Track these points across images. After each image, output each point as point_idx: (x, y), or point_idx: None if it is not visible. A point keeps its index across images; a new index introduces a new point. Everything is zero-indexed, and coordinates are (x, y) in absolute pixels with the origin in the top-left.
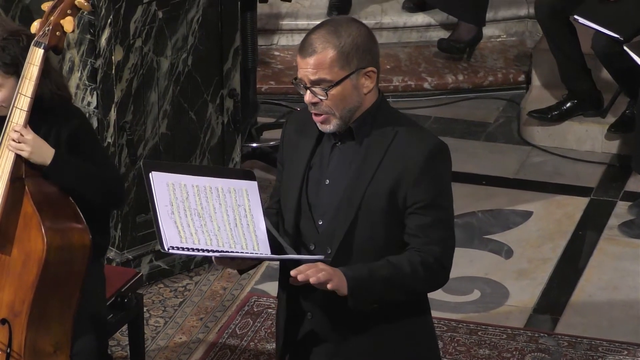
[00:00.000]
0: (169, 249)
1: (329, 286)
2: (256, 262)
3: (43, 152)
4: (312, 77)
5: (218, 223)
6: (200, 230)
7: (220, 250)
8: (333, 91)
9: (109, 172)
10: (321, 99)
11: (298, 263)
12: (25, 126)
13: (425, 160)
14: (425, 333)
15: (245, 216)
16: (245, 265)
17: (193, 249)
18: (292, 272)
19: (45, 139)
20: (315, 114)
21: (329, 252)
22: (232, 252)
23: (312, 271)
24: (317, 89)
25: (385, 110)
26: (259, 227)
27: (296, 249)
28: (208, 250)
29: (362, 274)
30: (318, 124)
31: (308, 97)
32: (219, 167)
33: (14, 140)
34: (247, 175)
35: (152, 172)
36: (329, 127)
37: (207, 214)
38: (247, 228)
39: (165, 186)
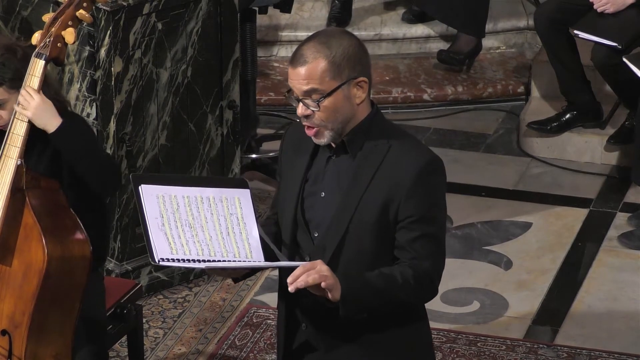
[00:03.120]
0: (159, 261)
1: (323, 284)
2: (250, 270)
3: (46, 119)
4: (304, 88)
5: (210, 232)
6: (191, 240)
7: (212, 259)
8: (325, 102)
9: (107, 154)
10: (313, 111)
11: (292, 268)
12: (38, 91)
13: (418, 174)
14: (421, 343)
15: (237, 224)
16: (237, 273)
17: (184, 260)
18: (289, 280)
19: (47, 146)
20: (308, 127)
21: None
22: (221, 261)
23: (307, 274)
24: (309, 101)
25: (379, 123)
26: (252, 234)
27: (292, 260)
28: (198, 261)
29: (356, 283)
30: (312, 138)
31: (300, 109)
32: (211, 177)
33: (21, 100)
34: (240, 184)
35: (142, 185)
36: (322, 140)
37: (198, 224)
38: (240, 236)
39: (155, 198)
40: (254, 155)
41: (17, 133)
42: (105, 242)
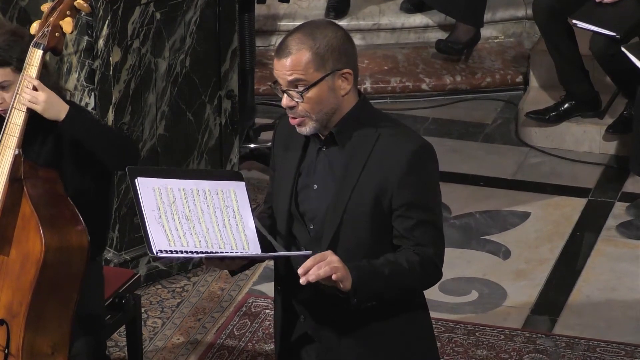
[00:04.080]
0: (157, 253)
1: (334, 277)
2: (247, 262)
3: (56, 109)
4: (288, 79)
5: (206, 225)
6: (188, 232)
7: (209, 251)
8: (309, 93)
9: (117, 129)
10: (297, 102)
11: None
12: (38, 79)
13: (409, 161)
14: (422, 333)
15: (234, 217)
16: (235, 265)
17: (182, 252)
18: (300, 271)
19: (47, 136)
20: (292, 117)
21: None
22: (220, 252)
23: (318, 266)
24: (293, 92)
25: (367, 113)
26: (248, 226)
27: (289, 250)
28: (196, 252)
29: (366, 271)
30: (296, 127)
31: (285, 100)
32: (205, 170)
33: (28, 94)
34: (235, 176)
35: (138, 177)
36: (305, 130)
37: (195, 216)
38: (236, 228)
39: (151, 191)
40: (252, 145)
41: (16, 122)
42: (105, 231)
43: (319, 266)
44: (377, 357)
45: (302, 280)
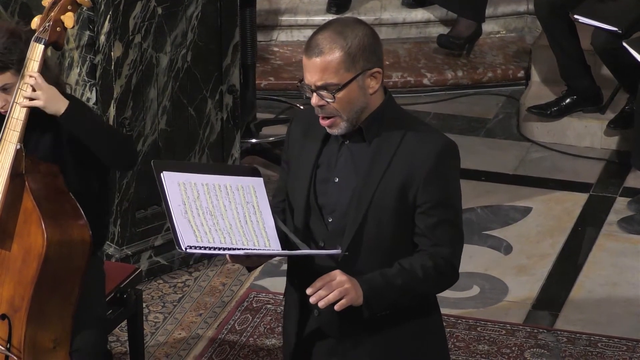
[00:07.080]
0: (186, 249)
1: (344, 301)
2: (268, 258)
3: (56, 103)
4: (319, 82)
5: (229, 221)
6: (213, 228)
7: (234, 247)
8: (340, 94)
9: (118, 129)
10: (328, 102)
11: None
12: (39, 73)
13: (435, 160)
14: (434, 332)
15: (254, 213)
16: (260, 262)
17: (209, 248)
18: (308, 291)
19: (46, 131)
20: (323, 118)
21: (338, 248)
22: (248, 249)
23: (328, 286)
24: (324, 92)
25: (393, 110)
26: (268, 223)
27: (308, 246)
28: (224, 249)
29: (378, 285)
30: (326, 128)
31: (315, 100)
32: (225, 165)
33: (28, 89)
34: (253, 172)
35: (163, 172)
36: (337, 130)
37: (218, 212)
38: (257, 225)
39: (176, 186)
40: (253, 140)
41: (17, 117)
42: (105, 226)
43: (329, 286)
44: (391, 351)
45: (312, 300)
